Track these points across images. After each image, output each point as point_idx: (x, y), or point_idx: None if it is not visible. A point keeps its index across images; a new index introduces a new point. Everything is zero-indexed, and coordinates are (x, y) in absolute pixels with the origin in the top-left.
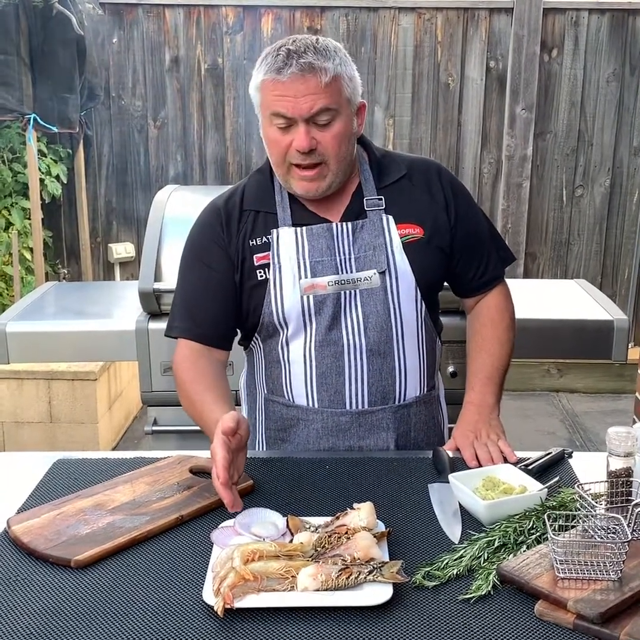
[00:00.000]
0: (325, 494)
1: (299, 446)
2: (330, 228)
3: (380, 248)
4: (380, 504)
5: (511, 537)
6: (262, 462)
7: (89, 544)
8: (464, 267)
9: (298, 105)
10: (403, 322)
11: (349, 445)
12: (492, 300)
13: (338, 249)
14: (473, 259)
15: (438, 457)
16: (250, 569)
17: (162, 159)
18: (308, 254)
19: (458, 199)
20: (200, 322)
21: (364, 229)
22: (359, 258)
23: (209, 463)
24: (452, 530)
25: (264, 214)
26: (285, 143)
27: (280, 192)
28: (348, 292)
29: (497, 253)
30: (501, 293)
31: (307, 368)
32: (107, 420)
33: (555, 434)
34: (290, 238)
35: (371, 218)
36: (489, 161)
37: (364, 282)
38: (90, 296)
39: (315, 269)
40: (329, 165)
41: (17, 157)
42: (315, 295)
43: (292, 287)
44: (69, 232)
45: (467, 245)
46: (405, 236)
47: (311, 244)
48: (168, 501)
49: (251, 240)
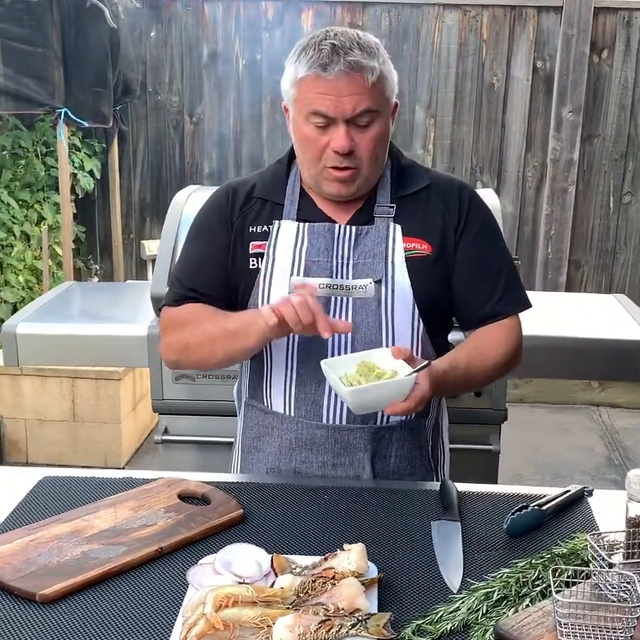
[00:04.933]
0: (319, 528)
1: (271, 456)
2: (333, 229)
3: (380, 256)
4: (377, 542)
5: (513, 589)
6: (256, 487)
7: (58, 577)
8: (461, 294)
9: (342, 105)
10: (395, 338)
11: (323, 461)
12: (493, 329)
13: (337, 252)
14: (472, 289)
15: (445, 491)
16: (222, 617)
17: (197, 156)
18: (305, 252)
19: (471, 220)
20: (202, 289)
21: (368, 235)
22: (357, 264)
23: (199, 488)
24: (451, 577)
25: (271, 204)
26: (322, 143)
27: (293, 186)
28: (340, 299)
29: (505, 293)
30: (503, 327)
31: (288, 373)
32: (131, 421)
33: (594, 450)
34: (291, 232)
35: (377, 225)
36: (533, 165)
37: (358, 290)
38: (108, 298)
39: (309, 268)
40: (362, 168)
41: (50, 151)
42: None
43: (281, 282)
44: (102, 228)
45: (467, 271)
46: (410, 250)
47: (310, 242)
48: (150, 530)
49: (252, 226)
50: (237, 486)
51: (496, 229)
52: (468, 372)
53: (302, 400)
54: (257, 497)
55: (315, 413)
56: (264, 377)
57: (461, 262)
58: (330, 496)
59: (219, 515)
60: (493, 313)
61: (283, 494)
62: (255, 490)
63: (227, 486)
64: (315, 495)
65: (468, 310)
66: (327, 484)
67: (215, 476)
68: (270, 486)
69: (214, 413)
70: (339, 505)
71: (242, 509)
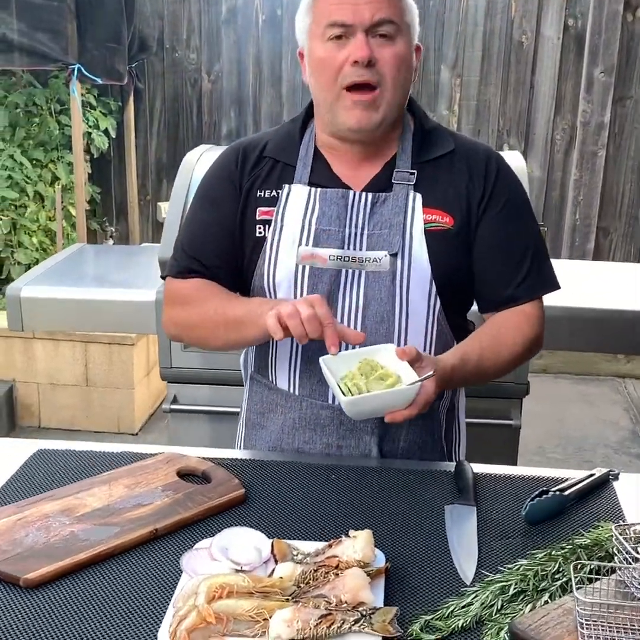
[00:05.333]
0: (323, 510)
1: (273, 435)
2: (347, 195)
3: (398, 227)
4: (385, 527)
5: (531, 583)
6: (259, 465)
7: (45, 559)
8: (481, 274)
9: (359, 11)
10: (409, 316)
11: (327, 443)
12: (512, 316)
13: (350, 221)
14: (492, 269)
15: (460, 472)
16: (216, 609)
17: (215, 115)
18: (315, 220)
19: (497, 192)
20: (207, 261)
21: (385, 204)
22: (372, 235)
23: (200, 464)
24: (464, 568)
25: (282, 166)
26: (339, 60)
27: (307, 146)
28: (351, 272)
29: (529, 275)
30: (523, 314)
31: (294, 349)
32: (144, 387)
33: (618, 423)
34: (301, 198)
35: (396, 193)
36: (562, 127)
37: (371, 263)
38: (119, 261)
39: (319, 237)
40: (385, 92)
41: (64, 109)
42: (313, 267)
43: (288, 253)
44: (118, 189)
45: (488, 249)
46: (430, 222)
47: (322, 209)
48: (145, 510)
49: (260, 190)
50: (239, 463)
51: (524, 203)
52: (480, 366)
53: (308, 378)
54: (260, 475)
55: (320, 392)
56: (270, 352)
57: (483, 239)
58: (336, 476)
59: (219, 495)
60: (514, 297)
61: (287, 473)
62: (258, 468)
63: (230, 463)
64: (321, 475)
65: (488, 292)
66: (333, 462)
67: (217, 452)
68: (273, 464)
69: (224, 382)
70: (345, 487)
71: (244, 489)
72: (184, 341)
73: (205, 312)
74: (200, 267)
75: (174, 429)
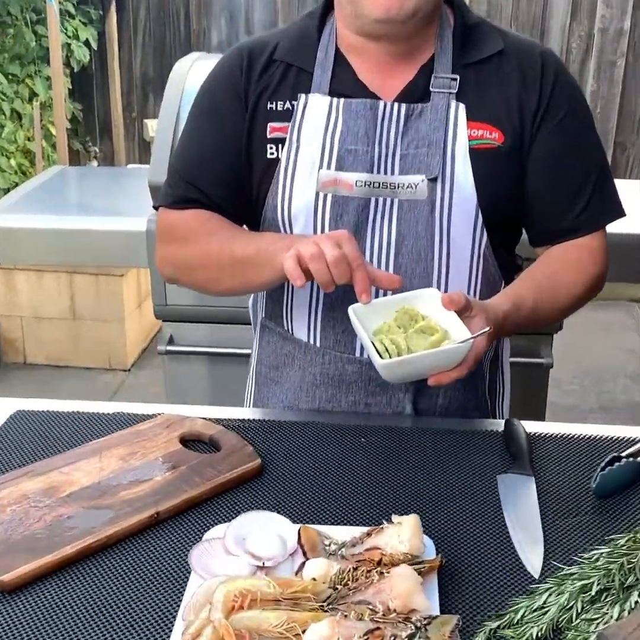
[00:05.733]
0: (354, 484)
1: (290, 392)
2: (376, 107)
3: (438, 146)
4: (430, 505)
5: (616, 578)
6: (275, 427)
7: (23, 555)
8: (534, 200)
9: None
10: (450, 252)
11: (353, 401)
12: (572, 251)
13: (380, 139)
14: (549, 195)
15: (511, 433)
16: (236, 623)
17: (204, 24)
18: (339, 138)
19: (556, 102)
20: (207, 188)
21: (422, 117)
22: (406, 156)
23: (207, 428)
24: (530, 558)
25: (297, 71)
26: None
27: (326, 47)
28: (382, 200)
29: (592, 201)
30: (585, 248)
31: (314, 293)
32: (136, 320)
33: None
34: (322, 110)
35: (435, 103)
36: (578, 34)
37: (406, 190)
38: (104, 185)
39: (344, 159)
40: None
41: (41, 18)
42: (337, 195)
43: (307, 178)
44: (102, 106)
45: (544, 171)
46: (477, 139)
47: (346, 123)
48: (143, 487)
49: (270, 101)
50: (252, 425)
51: (586, 116)
52: (535, 311)
53: (331, 328)
54: (276, 440)
55: (346, 344)
56: (285, 295)
57: (537, 159)
58: (366, 439)
59: (231, 466)
60: (574, 227)
61: (307, 436)
62: (273, 430)
63: (239, 425)
64: (347, 439)
65: (543, 222)
66: (361, 422)
67: (224, 411)
68: (290, 425)
69: (226, 321)
70: (377, 453)
71: (259, 458)
72: (182, 284)
73: (208, 250)
74: (199, 195)
75: (171, 374)
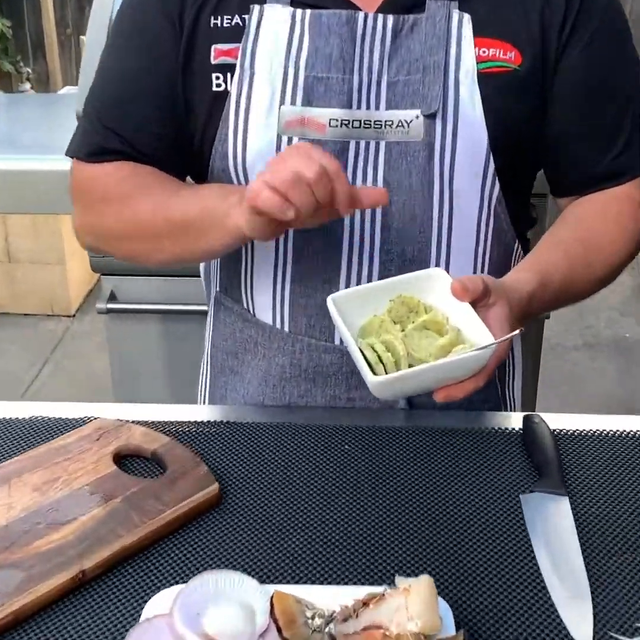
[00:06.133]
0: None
1: (251, 386)
2: (354, 20)
3: (437, 70)
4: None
5: None
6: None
7: None
8: (560, 139)
9: None
10: (453, 209)
11: (332, 395)
12: (608, 204)
13: (361, 62)
14: (578, 132)
15: (534, 436)
16: None
17: None
18: (305, 62)
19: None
20: (134, 135)
21: (415, 32)
22: (394, 85)
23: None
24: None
25: None
26: None
27: None
28: (363, 144)
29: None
30: (625, 200)
31: (279, 265)
32: (78, 261)
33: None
34: (281, 25)
35: (432, 13)
36: None
37: (395, 129)
38: (35, 115)
39: (314, 90)
40: None
41: None
42: (304, 138)
43: (265, 116)
44: (33, 22)
45: (572, 101)
46: (487, 61)
47: (315, 43)
48: (64, 533)
49: (214, 16)
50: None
51: (623, 30)
52: (565, 286)
53: (302, 307)
54: (238, 451)
55: (322, 329)
56: (243, 263)
57: (565, 86)
58: (350, 445)
59: (179, 496)
60: (611, 172)
61: (277, 443)
62: (234, 437)
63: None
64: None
65: (571, 166)
66: (343, 422)
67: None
68: (256, 429)
69: (176, 273)
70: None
71: (217, 482)
72: (111, 255)
73: (138, 214)
74: (123, 144)
75: (112, 337)
